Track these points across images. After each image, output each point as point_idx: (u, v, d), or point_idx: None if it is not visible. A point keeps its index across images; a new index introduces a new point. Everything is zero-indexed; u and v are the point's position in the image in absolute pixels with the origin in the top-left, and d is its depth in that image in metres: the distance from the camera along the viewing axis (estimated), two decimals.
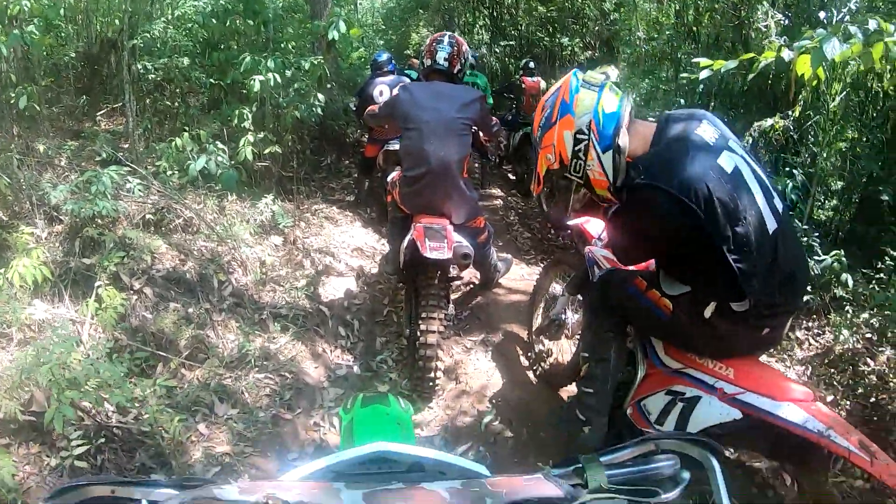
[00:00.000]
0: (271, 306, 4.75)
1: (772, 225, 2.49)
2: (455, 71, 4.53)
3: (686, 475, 1.09)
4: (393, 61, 7.62)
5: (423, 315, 4.08)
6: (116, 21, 6.68)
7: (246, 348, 4.13)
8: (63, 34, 6.80)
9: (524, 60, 10.96)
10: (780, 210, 2.58)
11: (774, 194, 2.60)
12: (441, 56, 4.51)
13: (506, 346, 4.91)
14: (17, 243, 3.74)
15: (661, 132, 2.61)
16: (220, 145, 5.35)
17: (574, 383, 3.73)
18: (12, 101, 4.69)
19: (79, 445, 2.91)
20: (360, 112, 7.15)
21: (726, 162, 2.48)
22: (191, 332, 4.06)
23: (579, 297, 3.94)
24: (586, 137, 2.61)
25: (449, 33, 4.74)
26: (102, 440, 3.07)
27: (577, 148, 2.64)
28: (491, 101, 9.00)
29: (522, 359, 4.75)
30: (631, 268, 3.21)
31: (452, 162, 4.25)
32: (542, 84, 9.92)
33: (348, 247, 6.23)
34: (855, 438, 2.19)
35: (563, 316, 4.14)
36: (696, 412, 2.64)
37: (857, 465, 2.18)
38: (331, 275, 5.59)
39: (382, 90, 6.99)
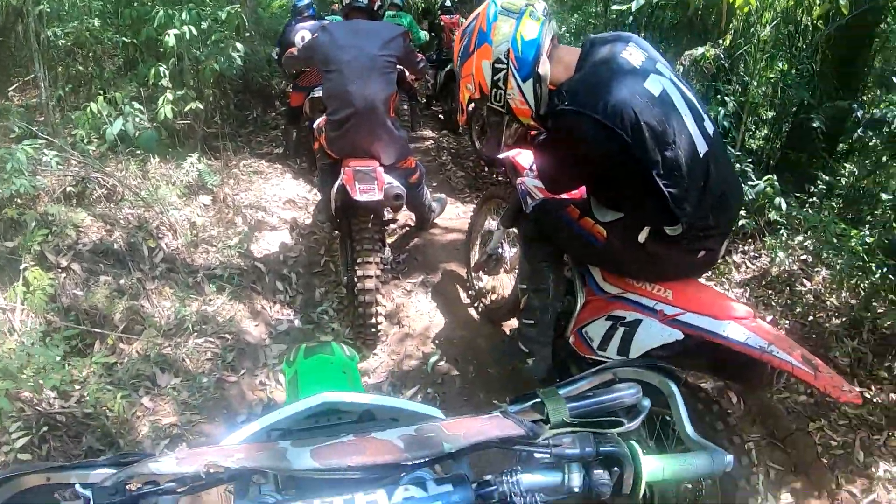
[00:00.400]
0: (205, 268, 4.72)
1: (702, 148, 2.48)
2: (375, 7, 4.48)
3: (646, 403, 1.07)
4: (313, 6, 7.44)
5: (359, 260, 4.09)
6: None
7: (183, 314, 4.11)
8: None
9: (442, 0, 10.93)
10: (711, 132, 2.57)
11: (705, 117, 2.59)
12: None
13: (446, 286, 4.98)
14: None
15: (586, 57, 2.57)
16: (137, 106, 5.24)
17: (516, 317, 3.79)
18: None
19: (20, 437, 2.88)
20: (282, 60, 7.04)
21: (654, 85, 2.46)
22: (125, 304, 4.01)
23: (514, 229, 3.94)
24: (505, 66, 2.58)
25: None
26: (45, 428, 3.03)
27: (496, 77, 2.61)
28: (423, 36, 8.98)
29: (463, 297, 4.83)
30: (563, 196, 3.20)
31: (378, 101, 4.21)
32: (461, 20, 9.82)
33: (280, 200, 6.18)
34: (798, 353, 2.22)
35: (500, 250, 4.18)
36: (637, 335, 2.66)
37: (801, 379, 2.20)
38: (264, 230, 5.56)
39: (304, 36, 6.81)
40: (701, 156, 2.47)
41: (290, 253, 5.42)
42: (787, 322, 4.36)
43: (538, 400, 1.01)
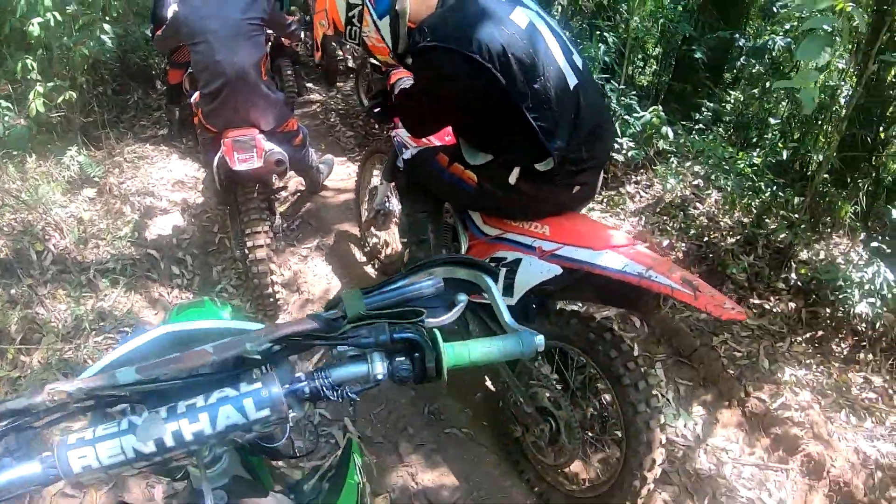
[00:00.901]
0: (97, 263, 4.73)
1: (572, 80, 2.50)
2: None
3: (463, 297, 1.18)
4: None
5: (248, 231, 4.15)
6: None
7: (78, 314, 4.13)
8: None
9: None
10: (581, 66, 2.61)
11: (573, 50, 2.61)
12: None
13: (341, 247, 5.12)
14: None
15: None
16: (5, 103, 5.14)
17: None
18: None
19: None
20: (154, 40, 6.90)
21: (520, 17, 2.46)
22: (18, 313, 4.03)
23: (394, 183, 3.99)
24: (360, 3, 2.54)
25: None
26: None
27: (350, 14, 2.56)
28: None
29: (359, 255, 4.97)
30: (435, 143, 3.30)
31: (248, 66, 4.22)
32: None
33: (168, 182, 6.16)
34: (677, 275, 2.24)
35: (388, 204, 4.26)
36: (519, 275, 2.68)
37: (682, 301, 2.22)
38: (154, 216, 5.56)
39: (176, 8, 6.64)
40: (571, 88, 2.50)
41: (183, 235, 5.44)
42: (683, 245, 4.62)
43: (339, 300, 1.11)
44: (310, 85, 9.04)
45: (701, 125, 5.55)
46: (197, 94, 4.59)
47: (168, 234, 5.41)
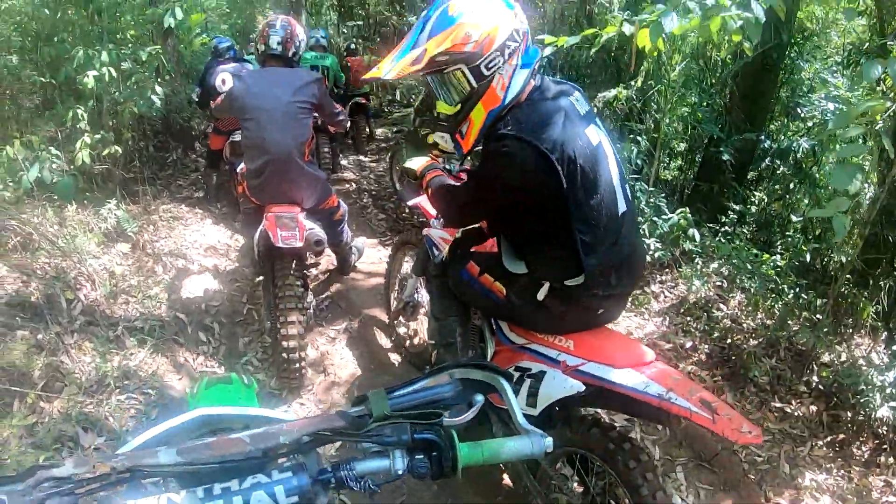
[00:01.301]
0: (126, 320, 4.59)
1: (622, 207, 2.54)
2: (290, 54, 4.54)
3: (480, 398, 1.24)
4: (234, 48, 7.44)
5: (282, 307, 4.10)
6: None
7: (104, 370, 3.98)
8: None
9: (347, 43, 12.13)
10: (629, 197, 2.64)
11: (626, 180, 2.65)
12: (274, 40, 4.50)
13: (369, 332, 4.98)
14: None
15: (539, 90, 2.56)
16: (54, 151, 5.10)
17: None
18: None
19: None
20: (202, 102, 7.01)
21: (593, 134, 2.49)
22: (43, 360, 3.86)
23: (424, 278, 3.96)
24: (518, 43, 2.44)
25: (282, 17, 4.71)
26: None
27: (507, 42, 2.40)
28: (343, 77, 9.40)
29: (386, 342, 4.83)
30: (464, 252, 3.22)
31: (293, 147, 4.28)
32: (366, 58, 10.91)
33: (200, 246, 6.08)
34: (696, 397, 2.23)
35: (417, 296, 4.24)
36: (543, 387, 2.66)
37: (700, 425, 2.21)
38: (185, 278, 5.46)
39: (224, 78, 6.82)
40: (619, 214, 2.53)
41: (212, 302, 5.32)
42: (706, 347, 4.52)
43: (366, 398, 1.17)
44: (344, 163, 9.13)
45: (726, 227, 5.52)
46: (243, 166, 4.67)
47: (198, 298, 5.28)
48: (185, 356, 4.58)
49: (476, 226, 3.19)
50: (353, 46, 12.01)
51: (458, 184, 3.07)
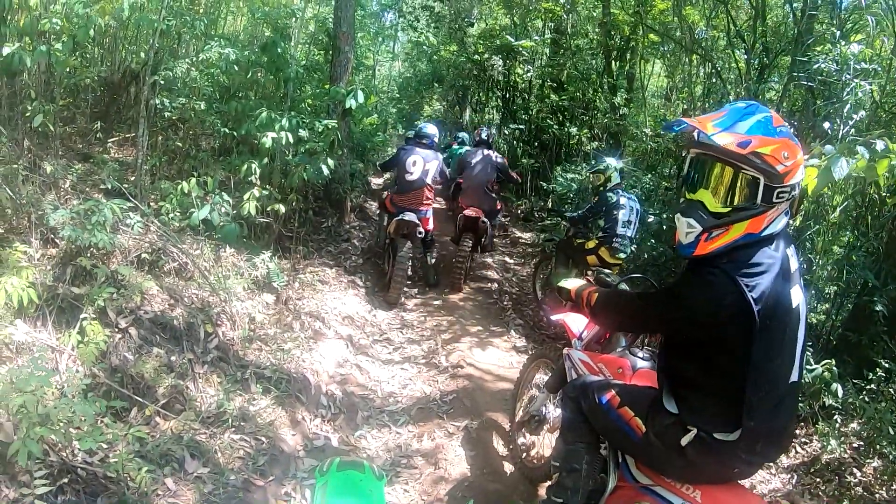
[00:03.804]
0: (255, 365, 4.58)
1: (794, 376, 2.40)
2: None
3: None
4: (435, 138, 7.90)
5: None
6: (142, 53, 6.71)
7: (224, 406, 3.95)
8: (88, 56, 6.80)
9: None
10: (803, 365, 2.54)
11: (805, 347, 2.51)
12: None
13: (488, 436, 4.76)
14: (10, 259, 3.58)
15: (761, 234, 2.36)
16: (226, 196, 5.25)
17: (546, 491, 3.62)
18: (27, 115, 4.56)
19: (43, 486, 2.69)
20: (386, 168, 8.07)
21: (796, 294, 2.36)
22: (171, 380, 3.88)
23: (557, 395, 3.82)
24: (794, 191, 2.32)
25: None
26: (66, 480, 2.85)
27: (795, 184, 2.31)
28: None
29: (503, 449, 4.61)
30: (609, 377, 3.16)
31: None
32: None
33: (339, 314, 6.10)
34: None
35: (544, 411, 4.04)
36: None
37: None
38: (319, 340, 5.44)
39: (416, 160, 7.32)
40: (790, 382, 2.38)
41: (339, 369, 5.27)
42: None
43: None
44: (489, 260, 9.15)
45: (872, 384, 5.01)
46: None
47: (327, 363, 5.23)
48: (303, 414, 4.49)
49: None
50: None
51: (641, 293, 3.00)
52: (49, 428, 2.74)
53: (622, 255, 6.51)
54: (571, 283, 3.20)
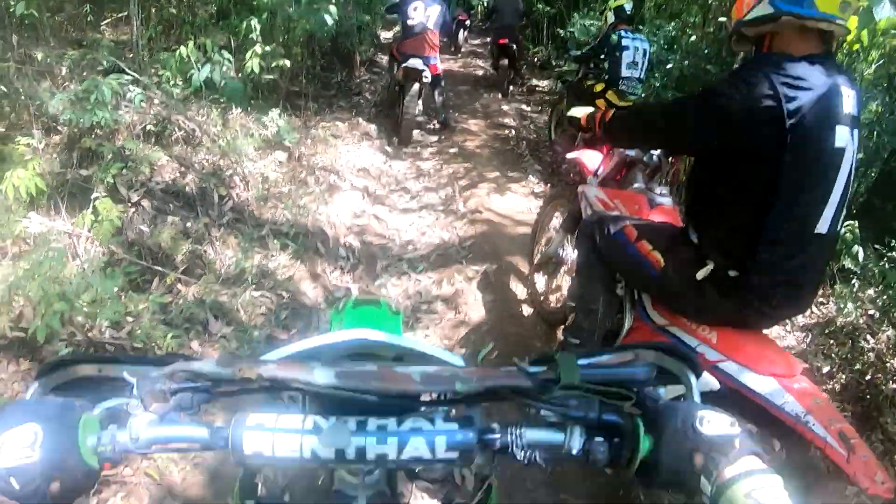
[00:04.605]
0: (272, 223, 4.70)
1: (825, 227, 2.26)
2: None
3: (661, 391, 1.07)
4: None
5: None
6: None
7: (243, 265, 4.08)
8: None
9: None
10: (839, 221, 2.34)
11: (844, 203, 2.35)
12: None
13: (506, 279, 4.84)
14: (13, 155, 3.62)
15: (821, 58, 2.25)
16: (227, 55, 5.21)
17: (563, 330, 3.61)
18: (11, 8, 4.44)
19: None
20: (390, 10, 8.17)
21: (842, 136, 2.22)
22: (188, 246, 4.00)
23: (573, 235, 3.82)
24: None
25: None
26: None
27: None
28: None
29: (522, 293, 4.69)
30: (624, 211, 3.10)
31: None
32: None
33: (354, 167, 6.16)
34: (835, 428, 2.03)
35: (561, 253, 4.05)
36: None
37: (832, 459, 2.02)
38: (335, 193, 5.52)
39: (417, 6, 7.50)
40: (819, 232, 2.26)
41: (357, 220, 5.38)
42: (843, 376, 4.12)
43: (554, 361, 1.00)
44: (505, 108, 9.06)
45: (894, 253, 4.96)
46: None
47: (344, 215, 5.33)
48: (323, 267, 4.63)
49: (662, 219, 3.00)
50: None
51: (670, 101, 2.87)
52: (69, 303, 2.87)
53: (632, 97, 6.35)
54: (581, 111, 3.15)
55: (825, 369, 4.09)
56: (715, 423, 0.90)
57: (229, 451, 0.91)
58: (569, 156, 4.11)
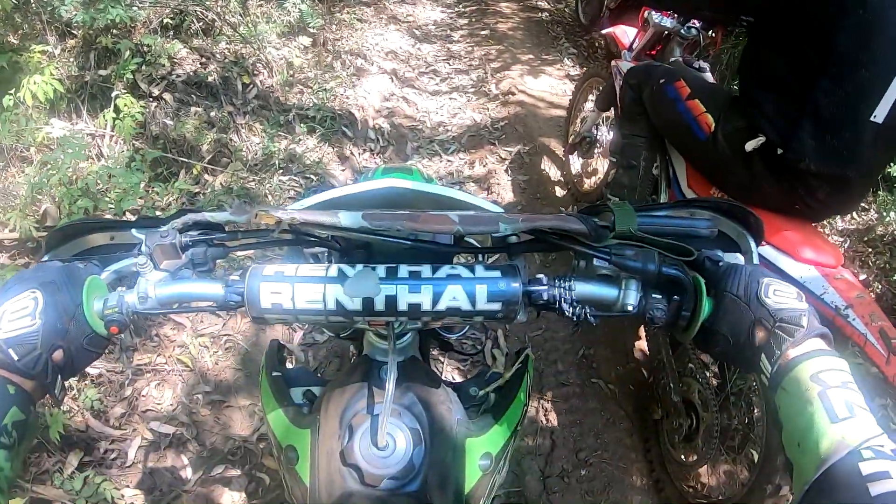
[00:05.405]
0: (298, 108, 4.70)
1: (881, 115, 2.04)
2: None
3: (720, 254, 0.95)
4: None
5: None
6: None
7: (270, 150, 4.13)
8: None
9: None
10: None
11: None
12: None
13: (541, 161, 4.82)
14: (30, 64, 3.61)
15: None
16: None
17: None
18: None
19: None
20: None
21: None
22: (213, 136, 4.04)
23: (609, 112, 3.74)
24: None
25: None
26: None
27: None
28: None
29: (556, 174, 4.67)
30: (677, 67, 2.95)
31: None
32: None
33: (382, 50, 6.08)
34: (876, 326, 1.93)
35: (595, 132, 4.00)
36: None
37: (870, 357, 1.92)
38: (362, 77, 5.48)
39: None
40: (873, 120, 2.06)
41: (386, 103, 5.35)
42: (879, 286, 4.01)
43: (608, 209, 0.92)
44: None
45: None
46: None
47: (373, 98, 5.30)
48: (351, 149, 4.66)
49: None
50: None
51: None
52: (93, 199, 2.96)
53: None
54: None
55: (861, 277, 4.00)
56: (781, 295, 0.82)
57: (244, 304, 0.84)
58: (604, 30, 4.03)
